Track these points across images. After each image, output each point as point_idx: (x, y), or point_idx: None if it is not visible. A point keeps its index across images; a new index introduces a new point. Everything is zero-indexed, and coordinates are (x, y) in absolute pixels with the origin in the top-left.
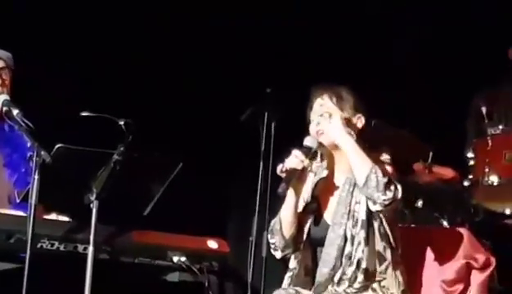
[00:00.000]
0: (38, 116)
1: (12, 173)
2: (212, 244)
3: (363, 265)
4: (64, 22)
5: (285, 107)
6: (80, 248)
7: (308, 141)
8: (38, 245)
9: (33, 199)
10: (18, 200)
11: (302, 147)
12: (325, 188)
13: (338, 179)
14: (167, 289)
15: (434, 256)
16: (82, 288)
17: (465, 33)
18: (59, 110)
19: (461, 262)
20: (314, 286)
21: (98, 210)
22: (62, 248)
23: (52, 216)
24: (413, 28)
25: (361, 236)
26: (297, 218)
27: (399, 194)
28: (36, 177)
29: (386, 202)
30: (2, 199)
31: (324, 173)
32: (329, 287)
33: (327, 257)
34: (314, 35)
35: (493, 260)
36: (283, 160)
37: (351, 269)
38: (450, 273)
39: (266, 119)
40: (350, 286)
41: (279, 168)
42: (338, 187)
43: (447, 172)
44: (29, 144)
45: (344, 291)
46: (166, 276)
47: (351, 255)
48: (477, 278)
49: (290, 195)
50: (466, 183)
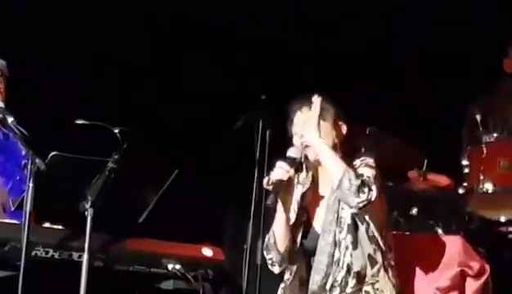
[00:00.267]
0: (34, 123)
1: (7, 181)
2: (207, 252)
3: (354, 269)
4: (64, 22)
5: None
6: (75, 256)
7: (292, 152)
8: (33, 253)
9: (27, 207)
10: (13, 208)
11: (286, 158)
12: (312, 198)
13: (324, 188)
14: None
15: (429, 264)
16: None
17: (465, 33)
18: (55, 116)
19: (456, 270)
20: None
21: (93, 218)
22: (57, 256)
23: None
24: (413, 28)
25: (348, 240)
26: (290, 231)
27: (373, 196)
28: (31, 185)
29: (360, 204)
30: None
31: (308, 183)
32: None
33: (319, 265)
34: (313, 36)
35: (488, 267)
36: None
37: (341, 275)
38: (444, 280)
39: (260, 126)
40: (342, 292)
41: (265, 181)
42: (324, 196)
43: (442, 180)
44: (24, 151)
45: None
46: (161, 284)
47: (339, 260)
48: (471, 286)
49: (281, 209)
50: (461, 190)
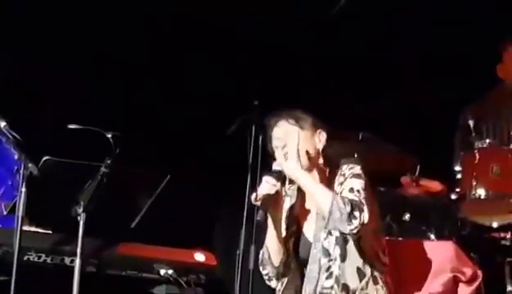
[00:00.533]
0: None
1: None
2: (199, 257)
3: (341, 281)
4: (64, 22)
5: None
6: (67, 261)
7: (277, 165)
8: (25, 257)
9: (20, 212)
10: (5, 212)
11: (271, 172)
12: (301, 208)
13: (312, 197)
14: None
15: (421, 269)
16: None
17: (465, 33)
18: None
19: (448, 275)
20: None
21: (85, 222)
22: (49, 261)
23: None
24: (413, 28)
25: (336, 252)
26: (283, 244)
27: (366, 218)
28: (23, 190)
29: (354, 230)
30: None
31: (295, 194)
32: None
33: (311, 274)
34: (313, 36)
35: (480, 273)
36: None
37: (329, 283)
38: (437, 286)
39: (253, 132)
40: None
41: (253, 197)
42: (312, 205)
43: (435, 186)
44: (17, 156)
45: None
46: (153, 289)
47: (329, 268)
48: (464, 292)
49: (271, 224)
50: (453, 196)
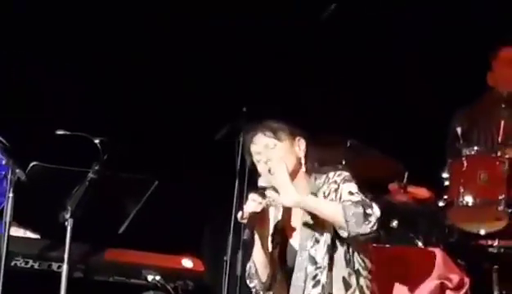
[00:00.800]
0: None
1: None
2: (187, 263)
3: (327, 290)
4: (64, 22)
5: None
6: (54, 266)
7: (263, 181)
8: (13, 263)
9: (7, 217)
10: None
11: (257, 189)
12: (287, 218)
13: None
14: None
15: (409, 276)
16: None
17: (465, 33)
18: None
19: (435, 282)
20: None
21: (73, 228)
22: (36, 266)
23: (20, 233)
24: (413, 28)
25: (325, 261)
26: (269, 257)
27: (378, 211)
28: (11, 195)
29: (374, 227)
30: None
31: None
32: None
33: (297, 282)
34: (313, 35)
35: (467, 280)
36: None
37: (316, 291)
38: (424, 293)
39: (241, 138)
40: None
41: (239, 215)
42: (298, 214)
43: (422, 192)
44: (4, 161)
45: None
46: None
47: (316, 276)
48: None
49: (258, 239)
50: (441, 203)
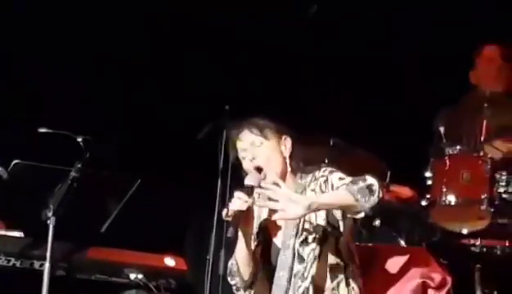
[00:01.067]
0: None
1: None
2: (169, 262)
3: (315, 281)
4: (64, 22)
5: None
6: (37, 265)
7: (249, 180)
8: None
9: None
10: None
11: (243, 187)
12: (271, 215)
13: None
14: None
15: (391, 275)
16: None
17: (465, 33)
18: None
19: (418, 281)
20: None
21: (55, 226)
22: (18, 265)
23: (2, 232)
24: (413, 28)
25: (316, 252)
26: (252, 256)
27: (373, 178)
28: None
29: (380, 194)
30: None
31: (266, 209)
32: None
33: (280, 281)
34: (312, 35)
35: (449, 279)
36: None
37: (303, 287)
38: (406, 292)
39: (224, 137)
40: None
41: (224, 213)
42: None
43: (405, 191)
44: None
45: None
46: (123, 293)
47: (303, 273)
48: None
49: (241, 237)
50: (424, 202)
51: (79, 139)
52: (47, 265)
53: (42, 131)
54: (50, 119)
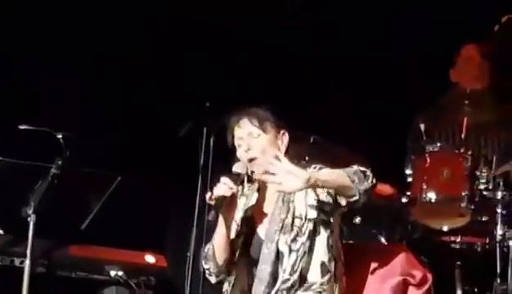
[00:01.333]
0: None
1: None
2: (149, 259)
3: (304, 274)
4: (64, 22)
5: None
6: (17, 262)
7: (237, 167)
8: None
9: None
10: None
11: (231, 174)
12: (258, 208)
13: (270, 198)
14: None
15: (371, 273)
16: None
17: (465, 33)
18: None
19: (398, 279)
20: None
21: (35, 223)
22: None
23: None
24: (413, 28)
25: (306, 246)
26: (229, 244)
27: (365, 167)
28: None
29: (374, 179)
30: None
31: (254, 197)
32: None
33: (261, 274)
34: (312, 35)
35: (430, 276)
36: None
37: (293, 279)
38: (386, 289)
39: (205, 133)
40: None
41: (208, 196)
42: (270, 205)
43: (386, 189)
44: None
45: None
46: (103, 290)
47: (293, 266)
48: None
49: (222, 223)
50: (404, 200)
51: (59, 135)
52: (28, 263)
53: (22, 128)
54: (32, 118)
